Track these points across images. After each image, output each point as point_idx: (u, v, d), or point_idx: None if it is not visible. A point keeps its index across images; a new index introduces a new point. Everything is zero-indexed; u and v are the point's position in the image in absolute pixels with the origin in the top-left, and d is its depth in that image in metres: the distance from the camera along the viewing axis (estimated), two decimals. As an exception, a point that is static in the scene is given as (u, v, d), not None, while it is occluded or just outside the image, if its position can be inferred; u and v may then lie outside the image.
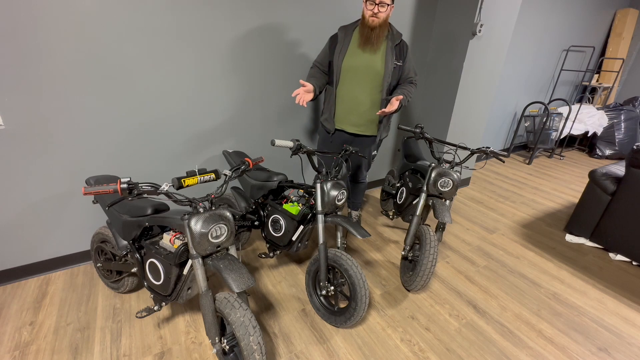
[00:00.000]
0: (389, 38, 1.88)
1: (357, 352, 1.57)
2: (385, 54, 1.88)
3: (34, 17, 1.50)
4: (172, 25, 1.81)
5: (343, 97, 1.98)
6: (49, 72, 1.61)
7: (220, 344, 1.33)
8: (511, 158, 4.63)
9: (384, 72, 1.89)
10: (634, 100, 4.83)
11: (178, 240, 1.40)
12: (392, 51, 1.88)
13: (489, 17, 2.57)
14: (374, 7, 1.74)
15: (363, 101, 1.96)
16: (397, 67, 1.92)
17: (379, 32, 1.82)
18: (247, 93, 2.21)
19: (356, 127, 2.05)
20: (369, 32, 1.81)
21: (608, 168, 2.42)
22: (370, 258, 2.28)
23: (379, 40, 1.84)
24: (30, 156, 1.72)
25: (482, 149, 1.91)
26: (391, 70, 1.89)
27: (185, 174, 1.26)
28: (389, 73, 1.89)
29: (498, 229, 2.73)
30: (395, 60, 1.90)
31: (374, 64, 1.88)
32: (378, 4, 1.72)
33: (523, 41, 3.81)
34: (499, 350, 1.62)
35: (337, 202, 1.68)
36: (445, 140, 2.26)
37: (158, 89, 1.91)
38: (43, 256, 1.95)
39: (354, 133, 2.08)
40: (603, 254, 2.43)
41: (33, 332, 1.60)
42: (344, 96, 1.98)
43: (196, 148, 2.18)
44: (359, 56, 1.88)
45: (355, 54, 1.88)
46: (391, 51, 1.88)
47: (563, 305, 1.93)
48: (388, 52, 1.88)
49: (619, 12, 4.85)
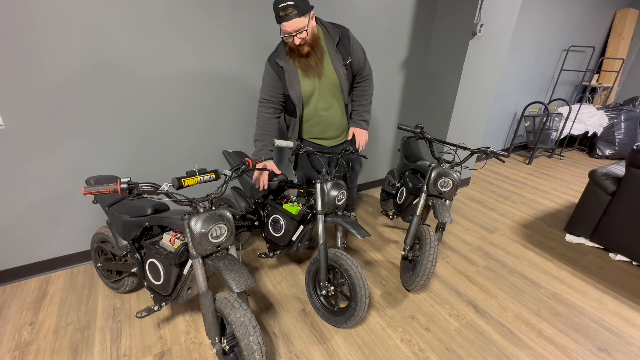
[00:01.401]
0: (327, 41, 1.69)
1: (357, 352, 1.57)
2: (332, 60, 1.71)
3: (34, 17, 1.50)
4: (172, 26, 1.81)
5: (312, 119, 1.87)
6: (49, 72, 1.61)
7: (220, 344, 1.33)
8: (511, 158, 4.63)
9: (338, 80, 1.76)
10: (634, 100, 4.82)
11: (178, 240, 1.40)
12: (337, 54, 1.71)
13: (489, 17, 2.57)
14: (293, 39, 1.54)
15: (333, 114, 1.87)
16: (347, 65, 1.75)
17: (315, 52, 1.64)
18: (247, 93, 2.21)
19: (336, 139, 2.00)
20: (305, 61, 1.65)
21: (608, 168, 2.42)
22: (370, 258, 2.28)
23: (321, 60, 1.68)
24: (30, 156, 1.72)
25: (482, 149, 1.91)
26: (344, 74, 1.75)
27: (185, 174, 1.26)
28: (343, 78, 1.75)
29: (498, 229, 2.73)
30: (343, 61, 1.73)
31: (327, 77, 1.74)
32: (294, 35, 1.53)
33: (523, 41, 3.81)
34: (499, 350, 1.62)
35: (337, 202, 1.68)
36: (445, 140, 2.26)
37: (158, 89, 1.91)
38: (43, 256, 1.95)
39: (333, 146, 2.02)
40: (603, 254, 2.43)
41: (33, 332, 1.60)
42: (314, 119, 1.87)
43: (196, 148, 2.18)
44: (312, 79, 1.73)
45: (308, 78, 1.73)
46: (335, 54, 1.71)
47: (563, 305, 1.93)
48: (333, 57, 1.71)
49: (619, 12, 4.85)
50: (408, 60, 2.86)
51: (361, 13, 2.41)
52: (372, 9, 2.45)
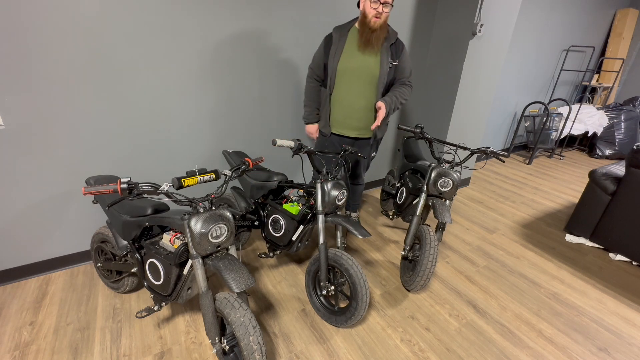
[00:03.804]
0: (386, 38, 1.85)
1: (357, 352, 1.57)
2: (381, 54, 1.84)
3: (34, 16, 1.50)
4: (171, 26, 1.81)
5: (340, 101, 1.95)
6: (49, 72, 1.61)
7: (220, 344, 1.33)
8: (511, 158, 4.63)
9: (379, 74, 1.86)
10: (634, 100, 4.83)
11: (178, 240, 1.40)
12: (387, 51, 1.84)
13: (489, 17, 2.57)
14: (379, 6, 1.69)
15: (360, 105, 1.94)
16: (392, 66, 1.88)
17: (380, 33, 1.78)
18: (247, 93, 2.21)
19: (356, 131, 2.04)
20: (369, 34, 1.76)
21: (608, 168, 2.42)
22: (370, 258, 2.28)
23: (379, 42, 1.81)
24: (30, 156, 1.72)
25: (482, 149, 1.91)
26: (386, 71, 1.86)
27: (185, 174, 1.26)
28: (384, 74, 1.86)
29: (498, 229, 2.73)
30: (390, 59, 1.86)
31: (369, 65, 1.85)
32: (382, 3, 1.68)
33: (523, 41, 3.81)
34: (499, 350, 1.62)
35: (338, 202, 1.68)
36: (445, 140, 2.26)
37: (158, 89, 1.91)
38: (43, 256, 1.95)
39: (355, 137, 2.07)
40: (603, 254, 2.43)
41: (33, 332, 1.60)
42: (342, 101, 1.95)
43: (196, 148, 2.18)
44: (355, 58, 1.84)
45: (352, 56, 1.84)
46: (387, 51, 1.84)
47: (563, 305, 1.93)
48: (383, 52, 1.84)
49: (619, 12, 4.85)
50: (408, 60, 2.85)
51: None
52: (372, 9, 2.45)
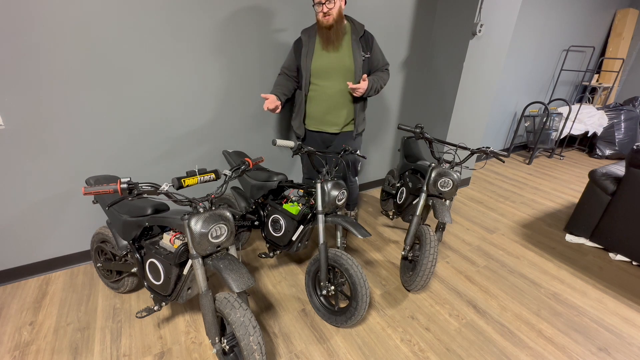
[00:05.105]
0: (352, 31, 1.88)
1: (357, 352, 1.57)
2: (352, 48, 1.88)
3: (34, 16, 1.50)
4: (171, 26, 1.81)
5: (317, 99, 1.98)
6: (49, 72, 1.61)
7: (220, 344, 1.33)
8: (511, 158, 4.63)
9: (354, 67, 1.90)
10: (634, 100, 4.82)
11: (178, 240, 1.40)
12: (357, 44, 1.88)
13: (489, 17, 2.57)
14: (321, 7, 1.75)
15: (338, 100, 1.97)
16: (365, 59, 1.92)
17: (337, 28, 1.81)
18: (248, 93, 2.21)
19: (335, 127, 2.06)
20: (326, 32, 1.82)
21: (608, 168, 2.42)
22: (370, 258, 2.28)
23: (339, 37, 1.85)
24: (30, 156, 1.72)
25: (482, 149, 1.91)
26: (361, 64, 1.90)
27: (185, 174, 1.26)
28: (359, 67, 1.90)
29: (498, 229, 2.73)
30: (362, 52, 1.90)
31: (342, 60, 1.89)
32: (324, 3, 1.73)
33: (523, 41, 3.81)
34: (499, 350, 1.62)
35: (338, 202, 1.68)
36: (445, 140, 2.26)
37: (158, 89, 1.91)
38: (43, 256, 1.95)
39: (335, 132, 2.08)
40: (603, 254, 2.43)
41: (33, 332, 1.60)
42: (319, 98, 1.97)
43: (196, 148, 2.18)
44: (326, 57, 1.89)
45: (322, 55, 1.89)
46: (357, 44, 1.88)
47: (563, 305, 1.93)
48: (354, 46, 1.88)
49: (619, 12, 4.85)
50: (408, 60, 2.86)
51: (361, 13, 2.41)
52: (372, 9, 2.45)
